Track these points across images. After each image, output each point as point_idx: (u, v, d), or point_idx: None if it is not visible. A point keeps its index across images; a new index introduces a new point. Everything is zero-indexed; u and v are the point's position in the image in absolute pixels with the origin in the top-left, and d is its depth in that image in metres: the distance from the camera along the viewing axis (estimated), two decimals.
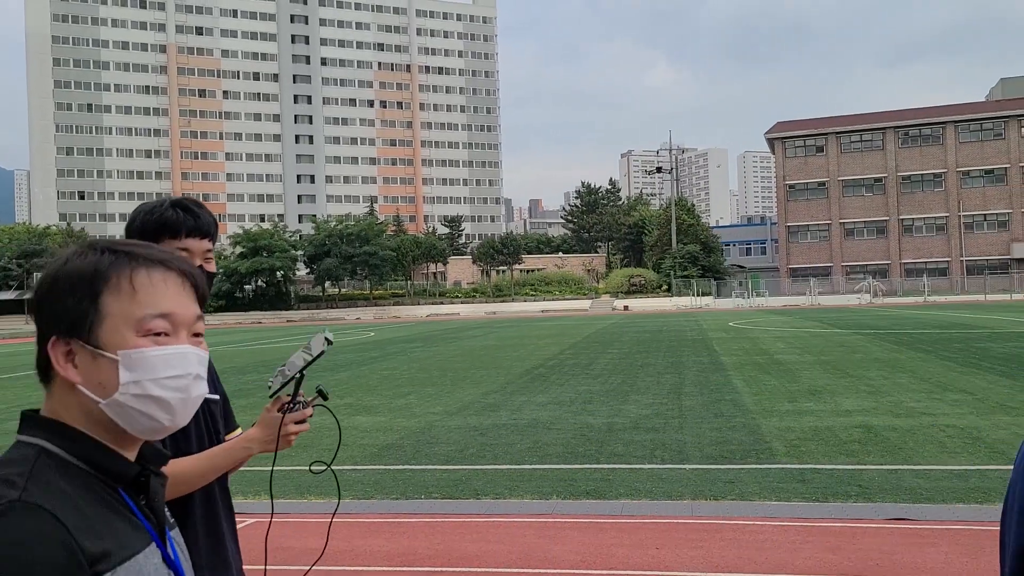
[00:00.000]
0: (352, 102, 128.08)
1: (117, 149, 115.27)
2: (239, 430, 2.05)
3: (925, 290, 67.41)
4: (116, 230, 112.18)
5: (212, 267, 2.14)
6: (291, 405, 1.94)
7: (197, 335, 1.18)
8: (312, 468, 2.07)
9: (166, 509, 1.19)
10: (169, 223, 2.05)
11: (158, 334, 1.12)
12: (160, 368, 1.11)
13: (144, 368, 1.10)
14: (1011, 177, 75.87)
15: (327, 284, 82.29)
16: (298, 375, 1.94)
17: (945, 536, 5.52)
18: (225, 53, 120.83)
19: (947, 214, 77.56)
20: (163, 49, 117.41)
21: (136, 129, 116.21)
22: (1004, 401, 11.17)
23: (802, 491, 6.81)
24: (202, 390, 1.17)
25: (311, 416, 1.98)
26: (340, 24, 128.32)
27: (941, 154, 77.83)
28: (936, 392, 12.23)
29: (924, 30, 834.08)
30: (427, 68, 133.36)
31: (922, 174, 78.41)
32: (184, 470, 1.88)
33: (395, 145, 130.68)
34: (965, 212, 76.97)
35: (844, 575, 4.86)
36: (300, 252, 79.64)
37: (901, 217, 78.71)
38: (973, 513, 6.03)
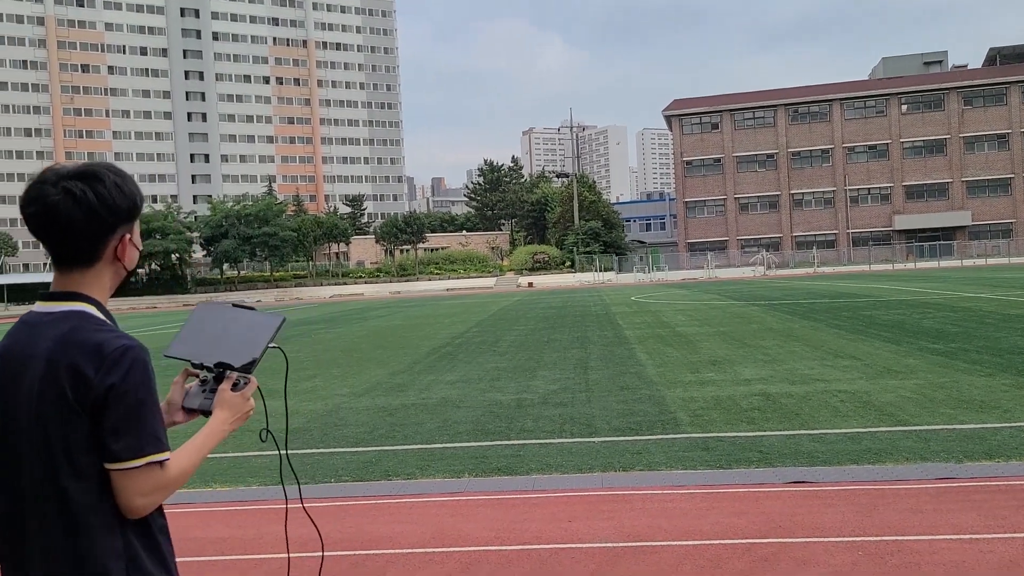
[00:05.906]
0: (247, 78, 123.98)
1: None
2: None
3: (815, 261, 70.31)
4: None
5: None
6: (237, 382, 1.94)
7: None
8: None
9: None
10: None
11: None
12: None
13: None
14: (892, 152, 79.78)
15: (225, 266, 79.99)
16: (268, 346, 2.00)
17: (841, 496, 5.76)
18: (109, 26, 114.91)
19: (834, 188, 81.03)
20: (41, 22, 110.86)
21: (14, 107, 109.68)
22: (890, 365, 11.75)
23: (706, 459, 7.00)
24: None
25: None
26: None
27: (828, 131, 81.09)
28: (828, 359, 12.77)
29: (807, 9, 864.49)
30: (324, 44, 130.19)
31: (811, 150, 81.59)
32: (189, 464, 1.76)
33: (293, 123, 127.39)
34: (851, 186, 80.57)
35: (749, 538, 5.02)
36: (196, 234, 77.07)
37: (792, 192, 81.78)
38: (866, 473, 6.32)
